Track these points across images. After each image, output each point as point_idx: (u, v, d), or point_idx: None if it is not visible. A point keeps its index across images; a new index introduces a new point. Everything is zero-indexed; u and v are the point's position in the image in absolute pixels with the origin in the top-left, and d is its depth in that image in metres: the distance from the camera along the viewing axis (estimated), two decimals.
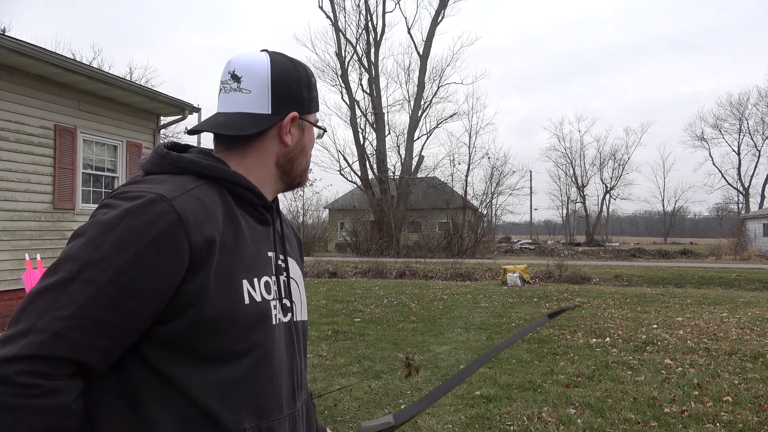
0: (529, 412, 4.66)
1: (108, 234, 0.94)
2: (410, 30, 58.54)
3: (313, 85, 1.21)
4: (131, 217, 0.95)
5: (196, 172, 1.08)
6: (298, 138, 1.18)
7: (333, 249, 36.54)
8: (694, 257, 30.35)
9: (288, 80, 1.15)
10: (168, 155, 1.10)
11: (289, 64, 1.17)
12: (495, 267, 18.74)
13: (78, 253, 0.94)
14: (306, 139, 1.20)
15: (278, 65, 1.15)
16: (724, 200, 61.14)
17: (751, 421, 4.41)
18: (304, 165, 1.22)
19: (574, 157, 62.30)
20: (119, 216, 0.95)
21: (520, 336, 1.42)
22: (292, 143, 1.17)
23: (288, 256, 1.24)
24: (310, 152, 1.24)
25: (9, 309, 7.64)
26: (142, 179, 1.08)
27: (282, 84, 1.14)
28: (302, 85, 1.17)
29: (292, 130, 1.16)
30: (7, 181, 7.95)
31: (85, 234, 0.96)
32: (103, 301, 0.92)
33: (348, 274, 18.46)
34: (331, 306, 10.80)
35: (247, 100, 1.13)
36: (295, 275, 1.26)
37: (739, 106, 55.19)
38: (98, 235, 0.95)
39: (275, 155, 1.16)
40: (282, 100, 1.14)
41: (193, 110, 11.20)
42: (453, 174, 42.32)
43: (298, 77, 1.17)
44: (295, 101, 1.16)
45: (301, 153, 1.20)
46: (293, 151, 1.18)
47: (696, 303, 11.19)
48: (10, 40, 7.44)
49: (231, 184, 1.10)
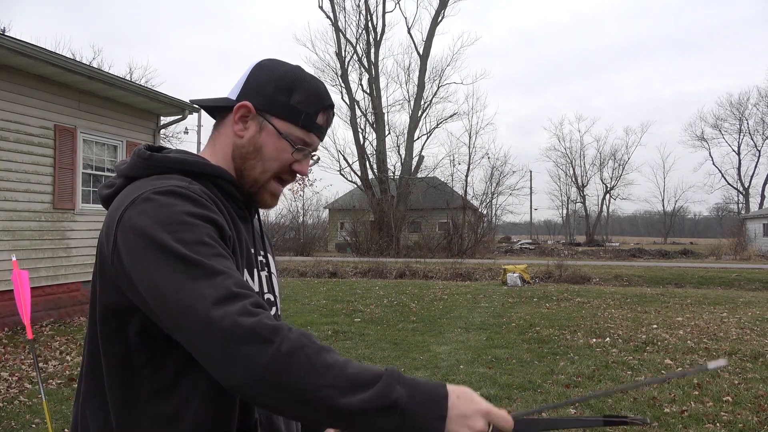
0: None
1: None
2: (410, 30, 58.47)
3: (292, 91, 1.13)
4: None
5: (183, 171, 1.09)
6: (252, 134, 1.14)
7: (333, 249, 36.53)
8: (694, 257, 30.35)
9: (264, 77, 1.15)
10: (153, 157, 1.10)
11: (279, 67, 1.17)
12: (495, 267, 18.74)
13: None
14: (263, 139, 1.14)
15: (266, 63, 1.17)
16: (724, 200, 61.12)
17: (751, 421, 4.41)
18: (257, 172, 1.15)
19: (574, 157, 62.30)
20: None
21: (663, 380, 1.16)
22: (245, 137, 1.14)
23: (267, 252, 1.28)
24: (271, 164, 1.15)
25: (9, 309, 7.64)
26: (137, 184, 1.06)
27: (256, 78, 1.15)
28: (277, 84, 1.13)
29: (249, 123, 1.14)
30: (7, 181, 7.95)
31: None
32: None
33: (348, 274, 18.46)
34: (331, 306, 10.80)
35: (232, 89, 1.18)
36: (275, 271, 1.30)
37: (739, 106, 55.17)
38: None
39: (232, 145, 1.15)
40: (248, 92, 1.15)
41: (193, 110, 11.22)
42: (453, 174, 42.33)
43: (275, 77, 1.14)
44: (260, 98, 1.13)
45: (255, 154, 1.14)
46: (246, 147, 1.14)
47: (696, 303, 11.19)
48: (10, 40, 7.44)
49: (217, 178, 1.12)
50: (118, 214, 1.01)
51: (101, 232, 1.06)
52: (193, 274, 0.91)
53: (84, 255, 9.21)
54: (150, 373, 1.01)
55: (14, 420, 4.44)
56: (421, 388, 0.89)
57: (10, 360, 6.24)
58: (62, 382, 5.45)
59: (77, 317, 8.95)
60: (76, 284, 9.13)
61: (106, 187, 1.14)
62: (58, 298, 8.78)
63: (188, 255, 0.93)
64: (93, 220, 9.40)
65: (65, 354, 6.60)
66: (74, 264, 9.05)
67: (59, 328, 8.15)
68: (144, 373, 1.01)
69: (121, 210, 1.01)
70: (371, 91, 33.43)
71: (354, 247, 30.99)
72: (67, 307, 8.92)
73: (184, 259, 0.92)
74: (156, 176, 1.07)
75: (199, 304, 0.89)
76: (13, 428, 4.31)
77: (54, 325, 8.26)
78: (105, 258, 1.02)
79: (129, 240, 0.97)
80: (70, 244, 9.00)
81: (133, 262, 0.96)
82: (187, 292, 0.90)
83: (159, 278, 0.93)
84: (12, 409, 4.70)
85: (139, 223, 0.97)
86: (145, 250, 0.95)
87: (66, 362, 6.22)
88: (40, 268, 8.45)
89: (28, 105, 8.24)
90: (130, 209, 1.00)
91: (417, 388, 0.89)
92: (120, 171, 1.13)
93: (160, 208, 0.97)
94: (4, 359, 6.27)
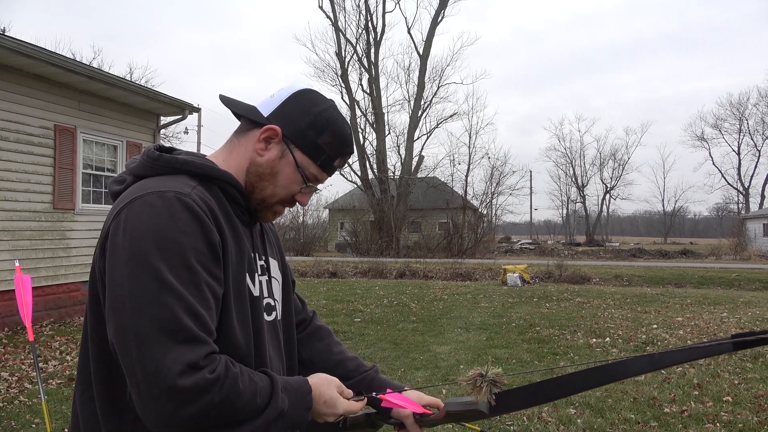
0: (529, 412, 4.65)
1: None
2: (410, 30, 58.43)
3: (323, 132, 1.16)
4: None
5: (190, 172, 1.11)
6: (272, 158, 1.16)
7: (333, 249, 36.53)
8: (694, 257, 30.35)
9: (300, 108, 1.17)
10: (161, 157, 1.12)
11: (319, 103, 1.18)
12: (495, 267, 18.73)
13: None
14: (281, 166, 1.16)
15: (307, 94, 1.19)
16: (724, 200, 61.12)
17: (751, 421, 4.41)
18: (266, 193, 1.18)
19: (574, 157, 62.34)
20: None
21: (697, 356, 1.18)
22: (265, 158, 1.16)
23: (268, 255, 1.28)
24: (281, 191, 1.19)
25: (9, 309, 7.64)
26: (143, 183, 1.08)
27: (293, 105, 1.17)
28: (311, 121, 1.16)
29: (272, 146, 1.16)
30: (7, 181, 7.95)
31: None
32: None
33: (348, 274, 18.46)
34: (331, 306, 10.81)
35: (265, 101, 1.20)
36: (276, 275, 1.30)
37: (739, 106, 55.18)
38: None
39: (249, 159, 1.17)
40: (281, 116, 1.16)
41: (193, 110, 11.21)
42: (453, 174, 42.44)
43: (314, 113, 1.16)
44: (292, 126, 1.16)
45: (270, 177, 1.17)
46: (263, 167, 1.16)
47: (696, 303, 11.19)
48: (10, 40, 7.44)
49: (223, 182, 1.13)
50: (117, 209, 1.04)
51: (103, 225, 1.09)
52: (164, 300, 0.94)
53: (84, 255, 9.21)
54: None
55: (14, 420, 4.44)
56: (293, 389, 1.07)
57: (10, 360, 6.24)
58: (62, 382, 5.45)
59: (77, 317, 8.95)
60: (76, 284, 9.13)
61: (116, 183, 1.16)
62: (58, 298, 8.78)
63: (167, 279, 0.94)
64: (93, 220, 9.40)
65: (65, 354, 6.60)
66: (74, 264, 9.05)
67: (59, 328, 8.15)
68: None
69: (120, 206, 1.03)
70: (371, 91, 33.44)
71: (354, 247, 30.99)
72: (67, 307, 8.92)
73: (163, 282, 0.94)
74: (163, 176, 1.09)
75: (153, 337, 0.92)
76: (13, 428, 4.31)
77: (54, 325, 8.26)
78: (97, 250, 1.06)
79: (118, 237, 0.99)
80: (70, 244, 9.00)
81: (114, 259, 0.98)
82: (148, 318, 0.93)
83: (130, 287, 0.95)
84: (12, 409, 4.70)
85: (132, 226, 0.99)
86: (130, 254, 0.96)
87: (66, 362, 6.22)
88: (40, 268, 8.45)
89: (28, 105, 8.24)
90: (127, 208, 1.02)
91: (291, 391, 1.06)
92: (129, 169, 1.15)
93: (157, 218, 0.99)
94: (4, 359, 6.27)
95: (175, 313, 0.93)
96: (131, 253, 0.96)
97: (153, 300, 0.93)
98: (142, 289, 0.93)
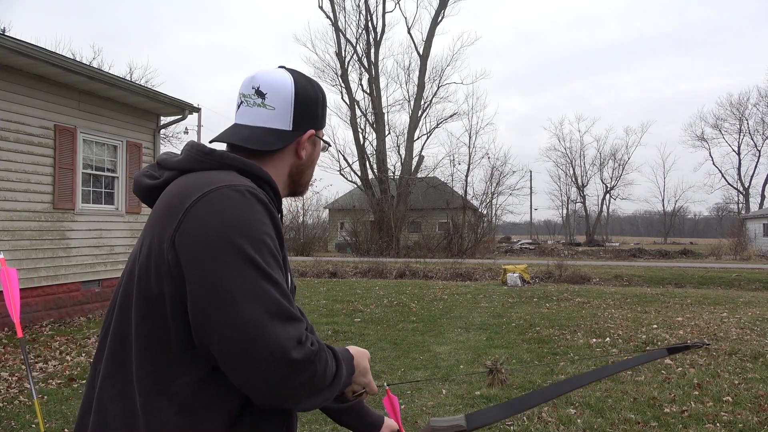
0: (529, 412, 4.65)
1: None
2: (410, 30, 58.46)
3: (325, 104, 1.32)
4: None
5: (239, 169, 1.14)
6: (310, 152, 1.29)
7: (333, 249, 36.53)
8: (694, 257, 30.35)
9: (308, 100, 1.26)
10: (213, 152, 1.16)
11: (308, 84, 1.27)
12: (495, 267, 18.74)
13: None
14: (316, 153, 1.32)
15: (300, 86, 1.25)
16: (724, 200, 61.17)
17: (751, 421, 4.40)
18: (309, 176, 1.33)
19: (574, 157, 62.40)
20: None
21: (636, 363, 1.57)
22: (305, 157, 1.28)
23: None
24: (315, 167, 1.35)
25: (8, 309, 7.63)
26: (198, 176, 1.12)
27: (303, 104, 1.24)
28: (318, 104, 1.28)
29: (306, 145, 1.27)
30: (7, 181, 7.95)
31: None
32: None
33: (348, 274, 18.46)
34: (331, 306, 10.81)
35: (271, 117, 1.22)
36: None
37: (739, 106, 55.22)
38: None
39: (289, 166, 1.27)
40: (302, 119, 1.24)
41: (193, 110, 11.21)
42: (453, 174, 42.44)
43: (315, 97, 1.27)
44: (313, 119, 1.27)
45: (311, 166, 1.32)
46: (305, 163, 1.29)
47: (696, 303, 11.19)
48: (10, 40, 7.44)
49: (265, 183, 1.17)
50: (189, 201, 1.05)
51: (152, 218, 1.11)
52: (264, 285, 1.00)
53: (84, 255, 9.21)
54: (188, 362, 1.05)
55: (14, 420, 4.44)
56: (343, 357, 1.19)
57: (9, 360, 6.24)
58: (62, 382, 5.44)
59: (77, 317, 8.95)
60: (76, 284, 9.13)
61: (148, 177, 1.18)
62: (58, 298, 8.78)
63: (262, 267, 1.01)
64: (93, 220, 9.40)
65: (65, 354, 6.60)
66: (74, 264, 9.05)
67: (59, 328, 8.15)
68: (181, 361, 1.05)
69: (193, 199, 1.05)
70: (371, 91, 33.44)
71: (354, 247, 31.00)
72: (67, 307, 8.92)
73: (260, 270, 1.01)
74: (214, 171, 1.13)
75: (266, 320, 0.98)
76: (13, 428, 4.31)
77: (54, 325, 8.26)
78: (161, 242, 1.05)
79: (201, 228, 1.02)
80: (70, 244, 9.00)
81: (201, 249, 1.01)
82: (257, 304, 0.99)
83: (233, 276, 0.99)
84: (12, 409, 4.70)
85: (217, 218, 1.02)
86: (223, 244, 1.00)
87: (66, 362, 6.22)
88: (40, 268, 8.45)
89: (28, 105, 8.24)
90: (203, 200, 1.04)
91: (343, 359, 1.17)
92: (171, 164, 1.17)
93: (239, 210, 1.03)
94: (3, 359, 6.27)
95: (275, 297, 1.01)
96: (224, 244, 1.00)
97: (257, 287, 1.00)
98: (245, 278, 0.99)
